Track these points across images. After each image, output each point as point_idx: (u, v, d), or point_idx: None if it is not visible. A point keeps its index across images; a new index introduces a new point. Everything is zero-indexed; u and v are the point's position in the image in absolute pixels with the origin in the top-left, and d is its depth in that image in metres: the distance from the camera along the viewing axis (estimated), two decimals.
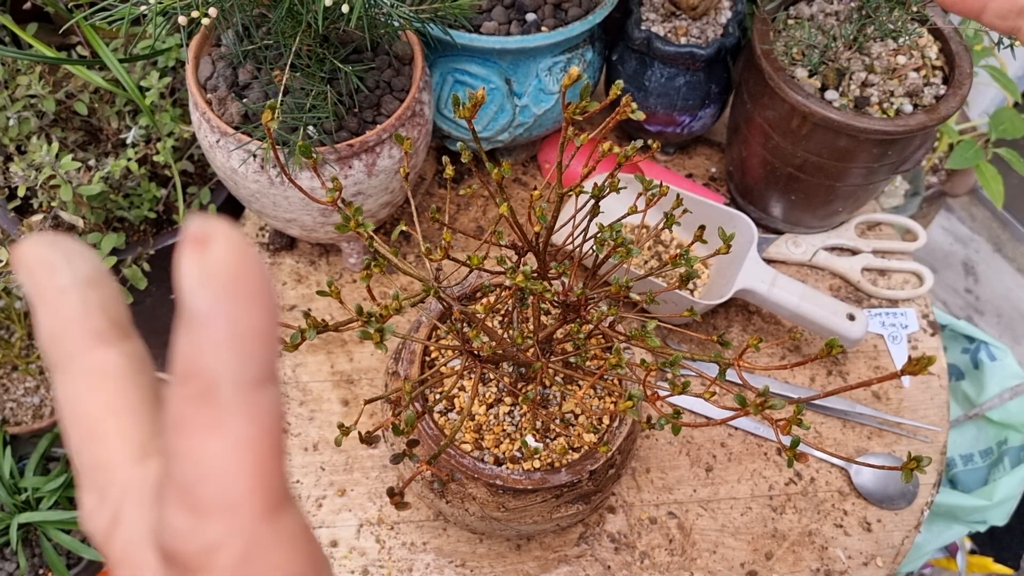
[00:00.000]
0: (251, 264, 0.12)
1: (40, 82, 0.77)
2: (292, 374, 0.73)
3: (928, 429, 0.74)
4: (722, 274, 0.76)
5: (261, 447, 0.12)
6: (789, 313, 0.74)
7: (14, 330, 1.16)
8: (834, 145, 0.69)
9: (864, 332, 0.72)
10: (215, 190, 0.85)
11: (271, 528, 0.12)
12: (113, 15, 0.54)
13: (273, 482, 0.12)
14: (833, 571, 0.67)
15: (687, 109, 0.79)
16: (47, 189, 0.74)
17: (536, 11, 0.73)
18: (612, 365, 0.43)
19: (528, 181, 0.87)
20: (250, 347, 0.12)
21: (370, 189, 0.65)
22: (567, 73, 0.37)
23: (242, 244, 0.12)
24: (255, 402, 0.12)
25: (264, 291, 0.12)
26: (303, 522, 0.13)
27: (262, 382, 0.12)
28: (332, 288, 0.41)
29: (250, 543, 0.12)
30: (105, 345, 0.14)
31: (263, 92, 0.63)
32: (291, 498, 0.13)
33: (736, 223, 0.75)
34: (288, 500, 0.13)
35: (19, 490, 1.08)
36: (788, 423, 0.36)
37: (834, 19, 0.73)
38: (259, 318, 0.12)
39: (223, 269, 0.11)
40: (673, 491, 0.69)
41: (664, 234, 0.80)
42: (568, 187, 0.44)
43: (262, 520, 0.12)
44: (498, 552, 0.65)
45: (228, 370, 0.12)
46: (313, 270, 0.79)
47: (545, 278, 0.48)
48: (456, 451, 0.54)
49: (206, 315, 0.11)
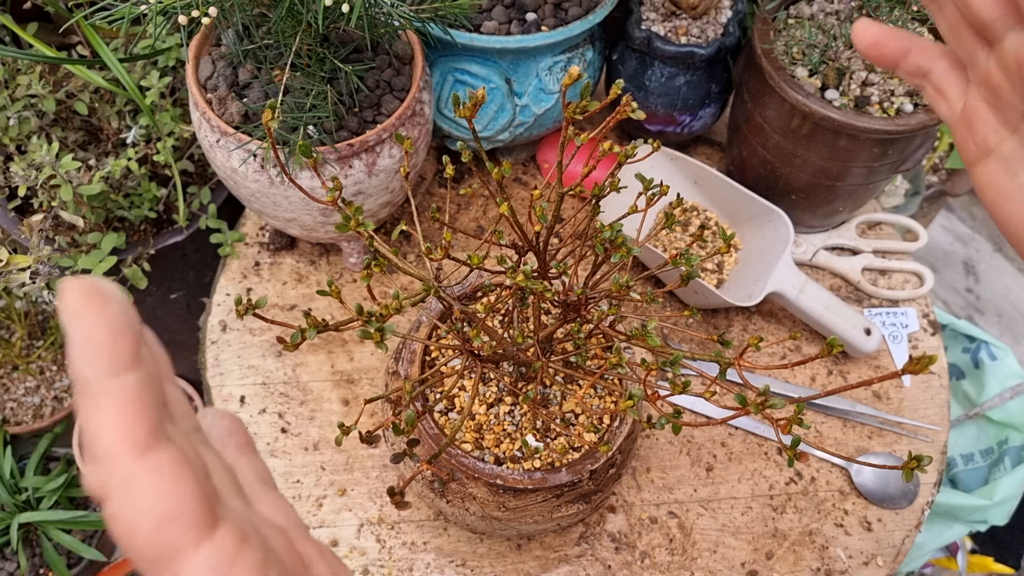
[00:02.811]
0: (93, 300, 0.18)
1: (40, 82, 0.77)
2: (292, 374, 0.73)
3: (929, 429, 0.74)
4: (751, 272, 0.76)
5: (123, 413, 0.18)
6: (810, 319, 0.74)
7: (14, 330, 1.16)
8: (834, 144, 0.69)
9: (877, 346, 0.75)
10: (215, 190, 0.85)
11: (139, 464, 0.18)
12: (113, 15, 0.54)
13: (136, 434, 0.18)
14: (834, 571, 0.67)
15: (687, 109, 0.79)
16: (47, 189, 0.74)
17: (536, 11, 0.73)
18: (612, 365, 0.43)
19: (528, 181, 0.87)
20: (98, 354, 0.18)
21: (370, 189, 0.65)
22: (567, 73, 0.37)
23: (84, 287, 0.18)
24: (113, 386, 0.18)
25: (104, 316, 0.18)
26: (174, 455, 0.18)
27: (117, 371, 0.18)
28: (332, 288, 0.41)
29: (125, 475, 0.18)
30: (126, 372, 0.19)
31: (263, 92, 0.63)
32: (161, 443, 0.18)
33: (774, 220, 0.75)
34: (155, 445, 0.18)
35: (19, 490, 1.08)
36: (789, 422, 0.36)
37: (834, 18, 0.73)
38: (101, 334, 0.18)
39: (71, 309, 0.18)
40: (673, 491, 0.69)
41: (704, 216, 0.82)
42: (568, 187, 0.44)
43: (131, 459, 0.18)
44: (498, 552, 0.65)
45: (88, 371, 0.18)
46: (313, 270, 0.79)
47: (545, 277, 0.48)
48: (456, 451, 0.54)
49: (69, 339, 0.18)
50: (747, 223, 0.79)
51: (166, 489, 0.18)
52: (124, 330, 0.18)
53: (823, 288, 0.75)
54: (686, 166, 0.81)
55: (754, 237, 0.79)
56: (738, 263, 0.79)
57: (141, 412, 0.18)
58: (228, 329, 0.75)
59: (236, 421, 0.26)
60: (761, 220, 0.77)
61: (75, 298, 0.17)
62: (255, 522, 0.22)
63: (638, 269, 0.80)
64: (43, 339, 1.18)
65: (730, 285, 0.78)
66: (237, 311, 0.38)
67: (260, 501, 0.24)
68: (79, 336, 0.18)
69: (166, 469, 0.18)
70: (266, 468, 0.26)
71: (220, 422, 0.26)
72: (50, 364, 1.19)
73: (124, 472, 0.17)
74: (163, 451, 0.18)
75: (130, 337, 0.18)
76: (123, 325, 0.18)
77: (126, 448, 0.18)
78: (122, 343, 0.18)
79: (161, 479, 0.18)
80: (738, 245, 0.80)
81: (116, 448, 0.18)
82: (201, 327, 0.76)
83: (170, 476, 0.18)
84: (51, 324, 1.18)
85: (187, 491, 0.18)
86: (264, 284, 0.78)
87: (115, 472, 0.18)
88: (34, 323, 1.17)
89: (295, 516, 0.25)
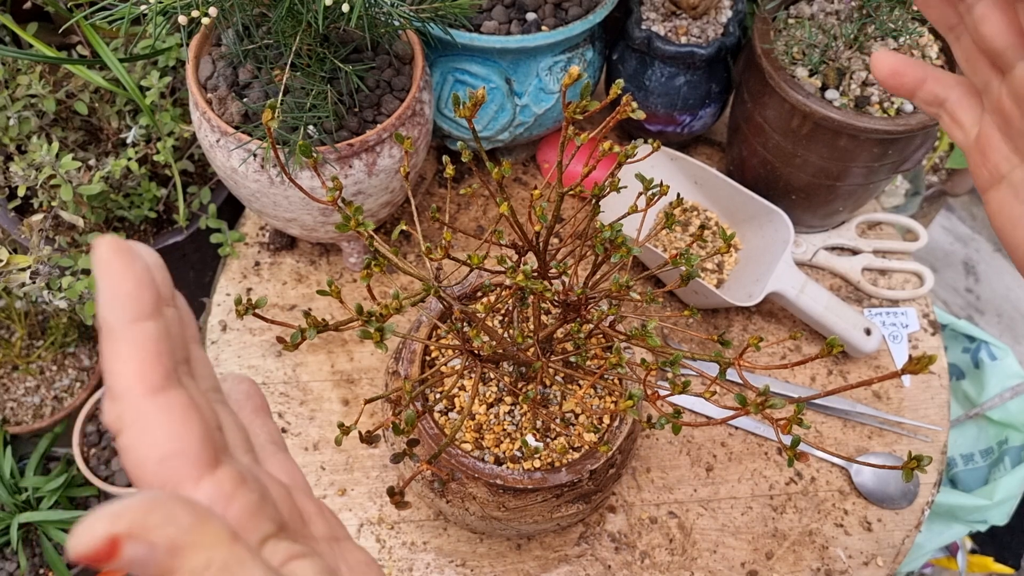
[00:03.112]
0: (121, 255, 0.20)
1: (40, 82, 0.77)
2: (292, 373, 0.73)
3: (929, 428, 0.74)
4: (751, 272, 0.76)
5: (140, 356, 0.20)
6: (810, 319, 0.75)
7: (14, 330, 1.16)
8: (834, 144, 0.69)
9: (877, 346, 0.75)
10: (215, 190, 0.85)
11: (151, 402, 0.19)
12: (113, 15, 0.54)
13: (150, 376, 0.20)
14: (834, 571, 0.67)
15: (687, 108, 0.79)
16: (47, 189, 0.74)
17: (536, 10, 0.73)
18: (612, 364, 0.43)
19: (528, 181, 0.87)
20: (122, 302, 0.20)
21: (370, 188, 0.65)
22: (567, 72, 0.37)
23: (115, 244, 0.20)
24: (134, 332, 0.20)
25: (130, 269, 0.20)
26: (184, 399, 0.20)
27: (138, 319, 0.20)
28: (332, 287, 0.41)
29: (137, 411, 0.19)
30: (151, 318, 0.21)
31: (263, 91, 0.63)
32: (174, 386, 0.20)
33: (774, 220, 0.75)
34: (168, 388, 0.20)
35: (19, 490, 1.08)
36: (788, 422, 0.36)
37: (835, 18, 0.73)
38: (126, 284, 0.20)
39: (102, 261, 0.19)
40: (673, 491, 0.69)
41: (704, 216, 0.82)
42: (568, 187, 0.44)
43: (143, 398, 0.19)
44: (498, 552, 0.65)
45: (111, 317, 0.20)
46: (313, 269, 0.79)
47: (545, 277, 0.48)
48: (456, 451, 0.54)
49: (98, 287, 0.20)
50: (747, 223, 0.79)
51: (173, 427, 0.20)
52: (147, 283, 0.20)
53: (823, 288, 0.75)
54: (686, 166, 0.81)
55: (754, 237, 0.79)
56: (738, 263, 0.79)
57: (156, 357, 0.20)
58: (228, 329, 0.75)
59: (253, 385, 0.29)
60: (761, 220, 0.77)
61: (106, 251, 0.20)
62: (258, 474, 0.23)
63: (638, 269, 0.80)
64: (43, 339, 1.18)
65: (730, 285, 0.78)
66: (237, 311, 0.38)
67: (269, 460, 0.26)
68: (106, 285, 0.20)
69: (175, 410, 0.20)
70: (278, 431, 0.28)
71: (239, 386, 0.29)
72: (50, 364, 1.19)
73: (137, 409, 0.19)
74: (174, 393, 0.20)
75: (152, 290, 0.20)
76: (147, 279, 0.20)
77: (140, 388, 0.20)
78: (144, 294, 0.20)
79: (169, 418, 0.20)
80: (738, 245, 0.80)
81: (131, 387, 0.20)
82: (201, 327, 0.77)
83: (178, 416, 0.20)
84: (51, 324, 1.18)
85: (193, 431, 0.20)
86: (264, 284, 0.78)
87: (128, 408, 0.19)
88: (34, 323, 1.17)
89: (300, 476, 0.27)
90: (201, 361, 0.24)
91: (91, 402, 1.13)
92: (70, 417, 1.15)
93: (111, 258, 0.20)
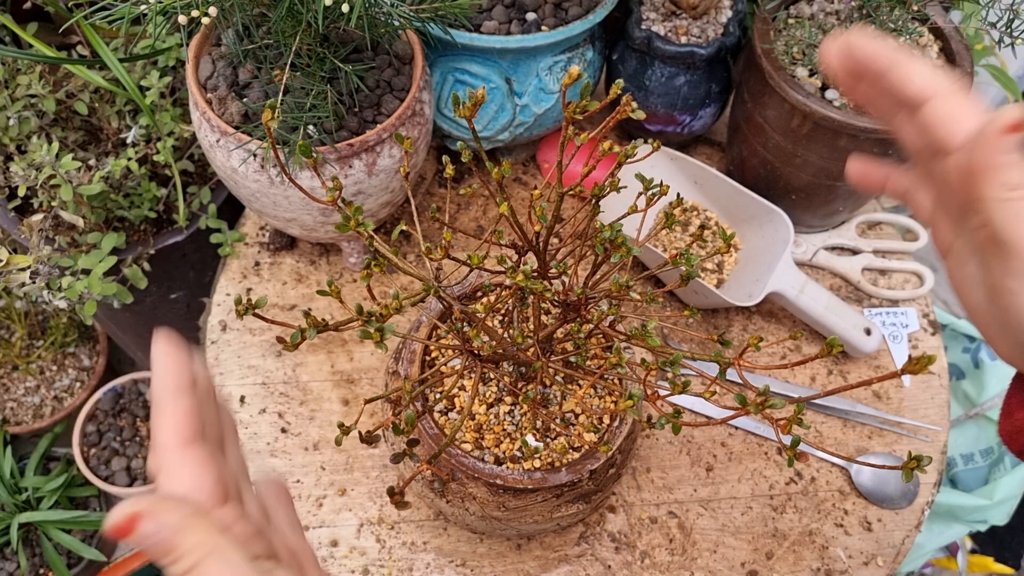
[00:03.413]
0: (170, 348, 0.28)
1: (40, 82, 0.77)
2: (292, 374, 0.73)
3: (929, 428, 0.74)
4: (751, 271, 0.76)
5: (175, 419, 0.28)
6: (810, 319, 0.75)
7: (14, 330, 1.16)
8: (834, 144, 0.69)
9: (878, 346, 0.75)
10: (215, 190, 0.85)
11: (180, 453, 0.27)
12: (113, 15, 0.54)
13: (183, 435, 0.27)
14: (834, 570, 0.67)
15: (687, 108, 0.79)
16: (47, 189, 0.74)
17: (536, 10, 0.73)
18: (612, 364, 0.43)
19: (528, 181, 0.87)
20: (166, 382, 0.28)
21: (370, 188, 0.65)
22: (567, 72, 0.37)
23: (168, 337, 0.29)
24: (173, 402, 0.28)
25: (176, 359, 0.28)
26: (206, 454, 0.27)
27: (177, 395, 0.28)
28: (332, 288, 0.41)
29: (167, 461, 0.27)
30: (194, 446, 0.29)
31: (263, 91, 0.63)
32: (199, 444, 0.27)
33: (774, 220, 0.75)
34: (193, 443, 0.27)
35: (19, 490, 1.08)
36: (788, 422, 0.36)
37: (835, 18, 0.73)
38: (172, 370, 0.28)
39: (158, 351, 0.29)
40: (673, 491, 0.69)
41: (704, 216, 0.82)
42: (568, 187, 0.44)
43: (174, 450, 0.27)
44: (498, 552, 0.65)
45: (159, 391, 0.28)
46: (313, 269, 0.79)
47: (545, 277, 0.48)
48: (456, 451, 0.54)
49: (153, 371, 0.28)
50: (747, 223, 0.79)
51: (194, 471, 0.27)
52: (187, 370, 0.28)
53: (823, 288, 0.75)
54: (686, 166, 0.81)
55: (754, 237, 0.79)
56: (738, 263, 0.79)
57: (189, 422, 0.28)
58: (228, 329, 0.75)
59: (283, 484, 0.36)
60: (761, 220, 0.77)
61: (163, 344, 0.28)
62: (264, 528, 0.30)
63: (638, 269, 0.80)
64: (43, 339, 1.18)
65: (730, 285, 0.78)
66: (237, 311, 0.38)
67: (286, 534, 0.33)
68: (159, 369, 0.28)
69: (198, 460, 0.27)
70: (298, 520, 0.35)
71: (271, 482, 0.36)
72: (50, 364, 1.19)
73: (170, 457, 0.27)
74: (198, 448, 0.27)
75: (189, 374, 0.28)
76: (187, 367, 0.28)
77: (174, 443, 0.27)
78: (184, 377, 0.28)
79: (192, 466, 0.27)
80: (738, 245, 0.80)
81: (167, 442, 0.27)
82: (201, 327, 0.77)
83: (200, 465, 0.27)
84: (51, 324, 1.18)
85: (208, 475, 0.27)
86: (264, 284, 0.78)
87: (164, 457, 0.27)
88: (34, 323, 1.17)
89: (310, 551, 0.33)
90: (234, 449, 0.32)
91: (91, 402, 1.13)
92: (70, 417, 1.15)
93: (164, 350, 0.28)
